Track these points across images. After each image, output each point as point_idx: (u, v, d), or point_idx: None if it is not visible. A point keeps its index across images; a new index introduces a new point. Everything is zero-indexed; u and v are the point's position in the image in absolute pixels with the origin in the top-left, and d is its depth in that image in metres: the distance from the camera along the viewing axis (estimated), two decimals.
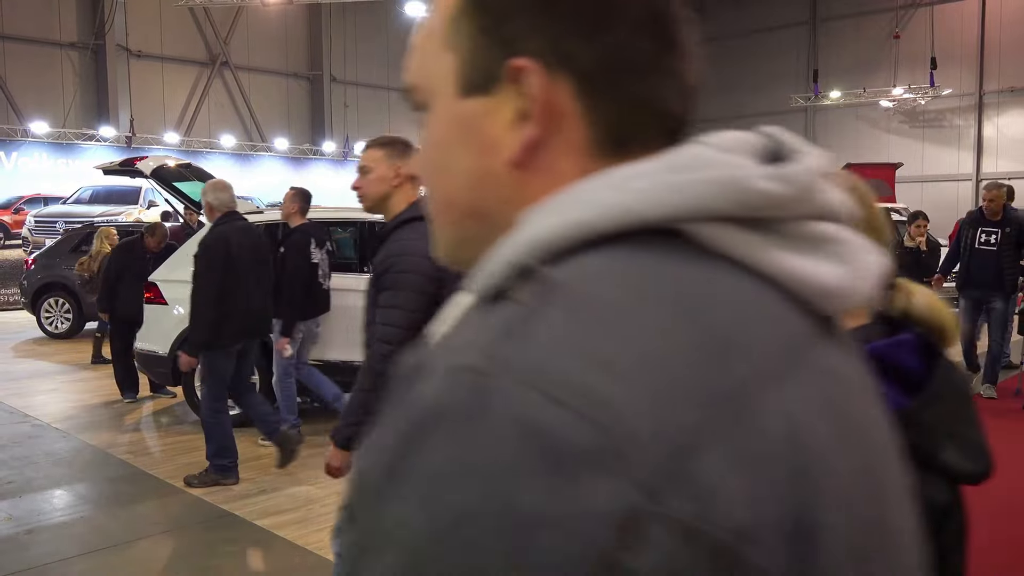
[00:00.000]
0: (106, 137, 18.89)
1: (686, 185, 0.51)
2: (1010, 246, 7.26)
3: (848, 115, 30.17)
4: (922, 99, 27.51)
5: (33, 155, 17.62)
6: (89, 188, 17.03)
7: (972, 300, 7.55)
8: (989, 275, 7.29)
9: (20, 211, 17.06)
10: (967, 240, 7.46)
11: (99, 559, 4.15)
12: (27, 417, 7.09)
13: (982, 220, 7.44)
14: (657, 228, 0.51)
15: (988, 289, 7.34)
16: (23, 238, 16.55)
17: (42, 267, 11.94)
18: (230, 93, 23.06)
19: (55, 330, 11.74)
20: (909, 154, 27.30)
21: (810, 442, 0.48)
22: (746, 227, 0.52)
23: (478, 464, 0.42)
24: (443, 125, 0.62)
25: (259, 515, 4.66)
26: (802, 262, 0.53)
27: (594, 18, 0.56)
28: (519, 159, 0.57)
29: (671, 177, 0.52)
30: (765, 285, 0.52)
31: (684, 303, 0.49)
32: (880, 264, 0.58)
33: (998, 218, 7.35)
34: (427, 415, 0.45)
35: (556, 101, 0.56)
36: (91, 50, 20.01)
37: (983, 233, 7.37)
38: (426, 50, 0.63)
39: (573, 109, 0.57)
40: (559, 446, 0.42)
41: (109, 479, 5.57)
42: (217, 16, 22.43)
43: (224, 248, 4.97)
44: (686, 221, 0.51)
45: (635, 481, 0.42)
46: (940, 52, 26.61)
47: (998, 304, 7.36)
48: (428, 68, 0.63)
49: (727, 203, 0.51)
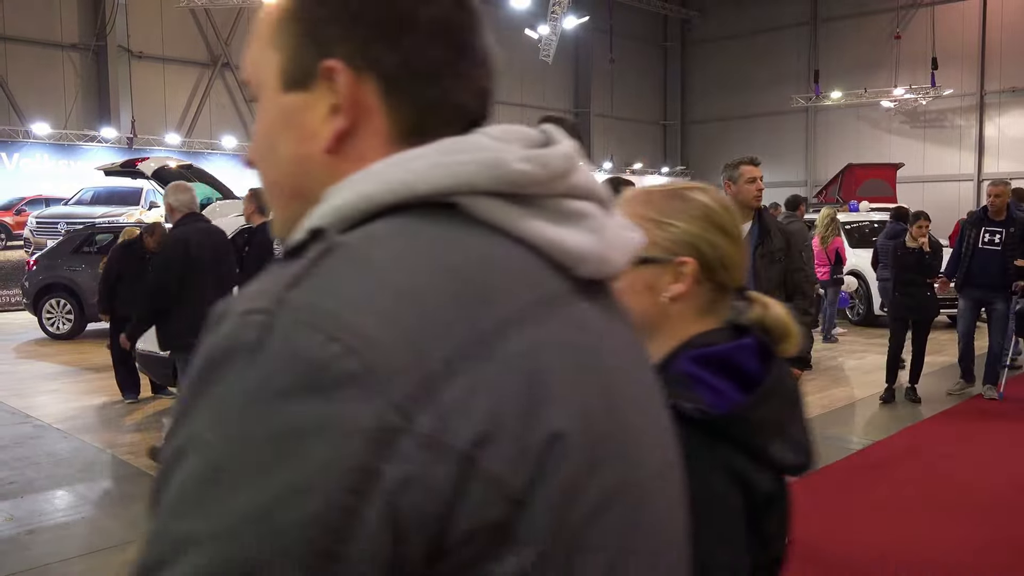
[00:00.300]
0: (107, 138, 18.91)
1: (454, 164, 0.61)
2: (1015, 246, 7.08)
3: (849, 115, 30.14)
4: (923, 99, 27.49)
5: (34, 156, 17.65)
6: (90, 189, 17.05)
7: (972, 300, 7.39)
8: (992, 275, 7.12)
9: (22, 212, 17.08)
10: (970, 240, 7.26)
11: (100, 559, 4.15)
12: (28, 418, 7.10)
13: (986, 219, 7.26)
14: (436, 201, 0.61)
15: (990, 290, 7.18)
16: (25, 239, 16.56)
17: (44, 268, 11.95)
18: (231, 94, 23.08)
19: (56, 331, 11.74)
20: (910, 154, 27.27)
21: (549, 374, 0.58)
22: (510, 201, 0.62)
23: (259, 388, 0.52)
24: (269, 116, 0.70)
25: None
26: (556, 231, 0.63)
27: (396, 28, 0.65)
28: (331, 147, 0.66)
29: (443, 158, 0.62)
30: (526, 250, 0.62)
31: (445, 259, 0.59)
32: (632, 239, 0.70)
33: (1002, 217, 7.17)
34: (221, 351, 0.55)
35: (362, 98, 0.65)
36: (92, 51, 20.02)
37: (987, 232, 7.18)
38: (257, 48, 0.71)
39: (378, 105, 0.66)
40: (326, 372, 0.51)
41: (110, 479, 5.58)
42: (218, 17, 22.45)
43: (183, 249, 5.11)
44: (457, 195, 0.61)
45: (390, 402, 0.52)
46: (941, 52, 26.59)
47: (999, 305, 7.22)
48: (258, 64, 0.71)
49: (489, 180, 0.61)
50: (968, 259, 7.24)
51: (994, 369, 7.41)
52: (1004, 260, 7.06)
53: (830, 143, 30.83)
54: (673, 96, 35.04)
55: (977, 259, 7.18)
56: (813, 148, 31.40)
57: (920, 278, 7.24)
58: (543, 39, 25.25)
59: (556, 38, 25.28)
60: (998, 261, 7.08)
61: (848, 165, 23.37)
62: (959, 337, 7.59)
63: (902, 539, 4.31)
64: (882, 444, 6.17)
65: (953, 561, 4.05)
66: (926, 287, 7.26)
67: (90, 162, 16.68)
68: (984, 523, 4.51)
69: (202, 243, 5.19)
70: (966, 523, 4.51)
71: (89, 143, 18.65)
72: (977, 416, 6.92)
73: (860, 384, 8.39)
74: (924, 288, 7.26)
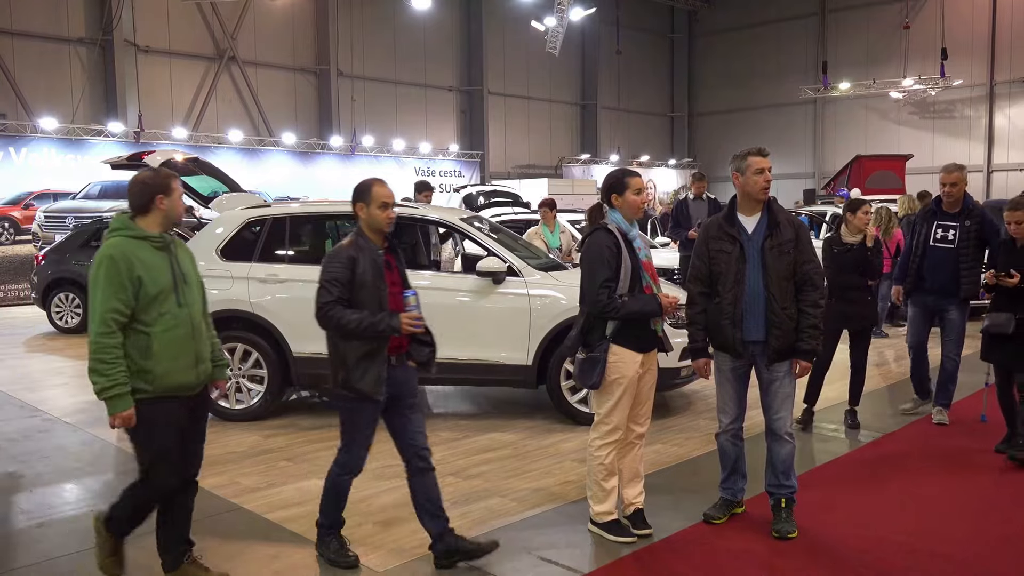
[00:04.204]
0: (114, 132, 18.93)
1: None
2: (970, 244, 5.98)
3: (857, 106, 29.97)
4: (932, 90, 27.31)
5: (42, 151, 17.68)
6: (98, 183, 17.08)
7: (922, 307, 6.31)
8: (945, 278, 6.05)
9: (30, 207, 17.12)
10: (920, 236, 6.18)
11: None
12: (38, 411, 7.12)
13: (938, 212, 6.14)
14: None
15: (942, 295, 6.11)
16: (33, 233, 16.62)
17: (52, 262, 11.98)
18: (237, 88, 23.07)
19: (65, 325, 11.79)
20: (919, 145, 27.12)
21: None
22: None
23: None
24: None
25: (268, 508, 4.67)
26: None
27: None
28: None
29: None
30: None
31: None
32: None
33: (957, 210, 6.06)
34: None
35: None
36: (99, 46, 20.04)
37: (939, 228, 6.09)
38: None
39: None
40: None
41: (119, 473, 5.59)
42: (224, 11, 22.43)
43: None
44: None
45: None
46: (951, 42, 26.40)
47: (953, 314, 6.14)
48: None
49: None
50: (919, 259, 6.18)
51: (946, 388, 6.32)
52: (958, 260, 6.00)
53: (838, 134, 30.68)
54: (680, 88, 34.90)
55: (929, 259, 6.12)
56: (821, 139, 31.24)
57: (862, 280, 6.13)
58: (550, 31, 25.16)
59: (563, 30, 25.18)
60: (952, 261, 6.02)
61: (857, 156, 23.26)
62: (909, 349, 6.57)
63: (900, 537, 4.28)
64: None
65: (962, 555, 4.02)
66: (866, 290, 6.20)
67: (97, 156, 16.71)
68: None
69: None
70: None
71: (96, 137, 18.68)
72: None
73: (868, 376, 8.35)
74: (864, 292, 6.17)
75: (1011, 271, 5.26)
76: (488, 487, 5.03)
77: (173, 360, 3.39)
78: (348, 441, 3.84)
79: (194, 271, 3.59)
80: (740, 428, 4.44)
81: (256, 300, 6.56)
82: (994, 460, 5.42)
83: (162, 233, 3.44)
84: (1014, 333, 5.25)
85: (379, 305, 3.69)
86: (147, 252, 3.37)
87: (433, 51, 27.13)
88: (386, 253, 3.83)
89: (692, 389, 7.41)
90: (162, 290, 3.35)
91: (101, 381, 3.30)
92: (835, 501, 4.78)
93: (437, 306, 6.44)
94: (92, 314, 3.30)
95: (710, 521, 4.40)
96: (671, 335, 5.78)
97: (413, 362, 3.90)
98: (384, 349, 3.72)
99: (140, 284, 3.30)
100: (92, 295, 3.31)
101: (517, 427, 6.42)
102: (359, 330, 3.63)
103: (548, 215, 10.04)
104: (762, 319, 4.14)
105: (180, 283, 3.44)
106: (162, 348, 3.35)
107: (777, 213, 4.23)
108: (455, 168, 26.02)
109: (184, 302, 3.43)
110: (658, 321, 4.14)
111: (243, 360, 6.60)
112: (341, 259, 3.70)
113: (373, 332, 3.65)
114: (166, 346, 3.36)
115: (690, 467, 5.44)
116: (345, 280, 3.66)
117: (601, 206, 4.16)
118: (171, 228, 3.48)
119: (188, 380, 3.46)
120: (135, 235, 3.38)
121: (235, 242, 6.80)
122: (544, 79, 30.15)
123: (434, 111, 27.29)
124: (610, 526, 4.20)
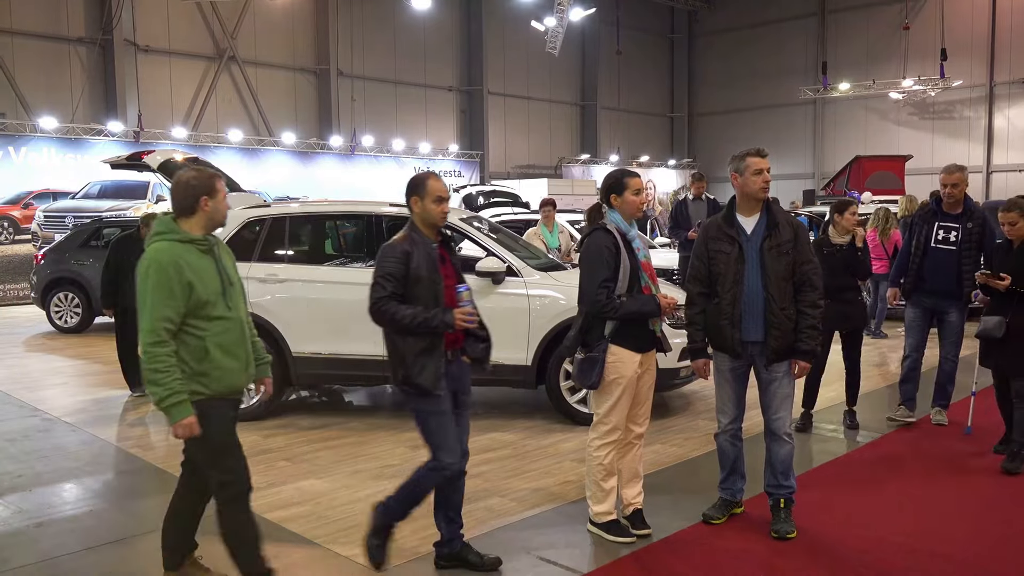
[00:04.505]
0: (114, 132, 18.91)
1: None
2: (972, 245, 5.93)
3: (857, 107, 29.98)
4: (932, 91, 27.31)
5: (42, 150, 17.65)
6: (98, 183, 17.07)
7: (922, 309, 6.22)
8: (946, 280, 5.99)
9: (29, 206, 17.11)
10: (921, 238, 6.12)
11: (108, 552, 4.16)
12: (37, 411, 7.12)
13: (939, 213, 6.10)
14: None
15: (943, 297, 6.05)
16: (32, 233, 16.62)
17: (52, 262, 11.98)
18: (237, 88, 23.06)
19: (65, 324, 11.79)
20: (919, 146, 27.12)
21: None
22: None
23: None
24: None
25: (267, 508, 4.67)
26: None
27: None
28: None
29: None
30: None
31: None
32: None
33: (959, 211, 6.01)
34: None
35: None
36: (99, 45, 20.02)
37: (940, 229, 6.04)
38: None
39: None
40: None
41: (118, 473, 5.59)
42: (224, 11, 22.42)
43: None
44: None
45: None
46: (950, 43, 26.40)
47: (953, 316, 6.10)
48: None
49: None
50: (919, 260, 6.12)
51: (945, 389, 6.34)
52: (959, 262, 5.95)
53: (838, 135, 30.68)
54: (680, 88, 34.89)
55: (929, 260, 6.06)
56: (821, 140, 31.24)
57: (852, 281, 6.12)
58: (549, 31, 25.15)
59: (563, 30, 25.17)
60: (953, 263, 5.96)
61: (856, 157, 23.27)
62: (906, 352, 6.37)
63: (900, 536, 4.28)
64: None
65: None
66: (857, 290, 6.22)
67: (97, 156, 16.69)
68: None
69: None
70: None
71: (96, 137, 18.66)
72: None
73: (869, 376, 8.36)
74: (856, 292, 6.19)
75: (1001, 274, 5.23)
76: (488, 487, 5.03)
77: (227, 363, 3.31)
78: (434, 445, 3.72)
79: (236, 272, 3.48)
80: (739, 428, 4.44)
81: (256, 300, 6.55)
82: (993, 460, 5.42)
83: (206, 236, 3.34)
84: (1005, 337, 5.21)
85: (434, 299, 3.64)
86: (194, 256, 3.26)
87: (433, 51, 27.12)
88: (439, 247, 3.78)
89: (691, 389, 7.41)
90: (212, 294, 3.26)
91: (158, 391, 3.19)
92: (834, 501, 4.79)
93: None
94: (141, 323, 3.20)
95: (709, 521, 4.41)
96: (670, 335, 5.78)
97: (467, 358, 3.84)
98: (441, 344, 3.67)
99: (191, 289, 3.19)
100: (141, 303, 3.20)
101: (517, 427, 6.42)
102: (412, 326, 3.58)
103: (551, 214, 10.05)
104: (761, 319, 4.14)
105: (227, 286, 3.35)
106: (217, 352, 3.27)
107: (776, 214, 4.24)
108: (455, 168, 26.01)
109: (232, 305, 3.35)
110: (657, 321, 4.14)
111: None
112: (395, 253, 3.65)
113: (426, 328, 3.59)
114: (220, 350, 3.28)
115: (689, 467, 5.45)
116: (400, 275, 3.61)
117: (600, 206, 4.17)
118: (214, 230, 3.39)
119: (240, 382, 3.41)
120: (181, 238, 3.26)
121: (235, 242, 6.79)
122: (544, 79, 30.14)
123: (434, 111, 27.29)
124: (609, 526, 4.20)
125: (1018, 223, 5.30)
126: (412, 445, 5.73)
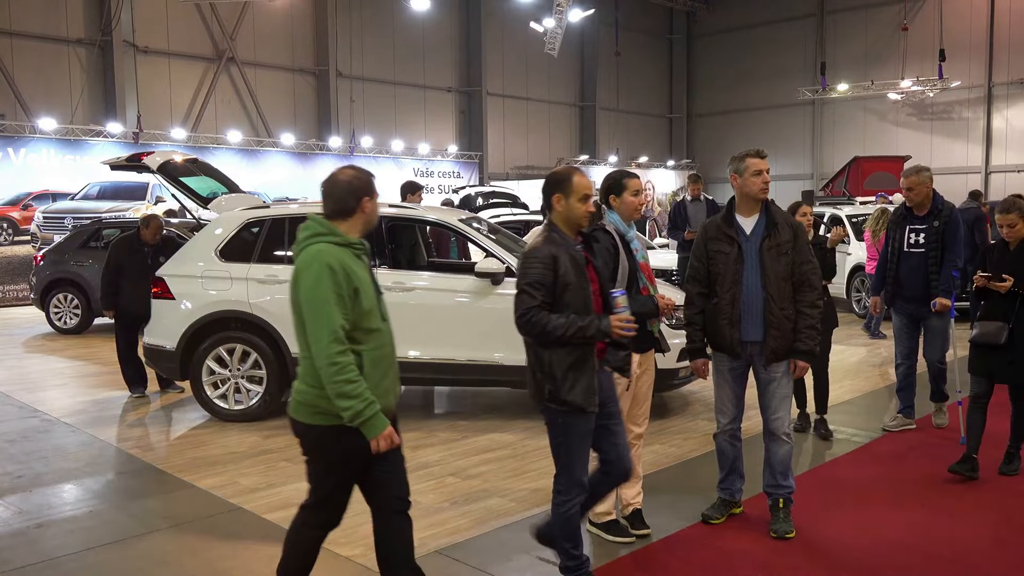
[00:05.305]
0: (113, 133, 18.91)
1: None
2: (938, 245, 5.82)
3: (856, 108, 30.00)
4: (930, 91, 27.33)
5: (41, 151, 17.65)
6: (97, 184, 17.08)
7: (906, 315, 6.10)
8: (919, 284, 5.89)
9: (28, 207, 17.11)
10: (895, 242, 6.03)
11: (108, 553, 4.16)
12: (37, 412, 7.12)
13: (908, 216, 5.98)
14: None
15: (922, 302, 5.91)
16: (32, 234, 16.62)
17: (51, 263, 11.98)
18: (236, 89, 23.06)
19: (64, 325, 11.79)
20: (917, 146, 27.13)
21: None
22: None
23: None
24: None
25: (268, 509, 4.68)
26: None
27: None
28: None
29: None
30: None
31: None
32: None
33: (925, 212, 5.91)
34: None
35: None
36: (98, 46, 20.02)
37: (912, 232, 5.94)
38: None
39: None
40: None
41: (118, 473, 5.59)
42: (223, 12, 22.42)
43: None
44: None
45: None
46: (949, 44, 26.42)
47: (934, 321, 5.97)
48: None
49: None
50: (895, 265, 6.02)
51: (939, 387, 6.22)
52: (927, 264, 5.84)
53: (837, 135, 30.70)
54: (679, 89, 34.91)
55: (904, 265, 5.97)
56: (819, 141, 31.27)
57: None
58: (548, 32, 25.16)
59: (561, 31, 25.18)
60: (924, 265, 5.87)
61: (855, 158, 23.30)
62: (897, 360, 6.28)
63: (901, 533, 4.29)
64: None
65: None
66: (825, 292, 5.82)
67: (96, 157, 16.69)
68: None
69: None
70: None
71: (95, 138, 18.66)
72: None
73: (868, 376, 8.37)
74: (824, 294, 5.65)
75: (1003, 275, 4.99)
76: (488, 487, 5.04)
77: (381, 381, 2.99)
78: (566, 462, 3.44)
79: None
80: (738, 428, 4.45)
81: (255, 301, 6.57)
82: (991, 461, 5.42)
83: (362, 239, 3.05)
84: (1008, 344, 4.94)
85: (585, 306, 3.34)
86: (353, 260, 2.95)
87: (432, 52, 27.13)
88: (583, 249, 3.50)
89: (690, 390, 7.42)
90: (372, 303, 2.97)
91: (354, 404, 2.86)
92: (833, 502, 4.79)
93: (436, 307, 6.46)
94: (319, 331, 2.85)
95: (708, 521, 4.41)
96: (669, 336, 5.79)
97: (608, 367, 3.59)
98: (592, 356, 3.38)
99: (356, 296, 2.90)
100: (314, 309, 2.86)
101: (516, 427, 6.43)
102: (567, 336, 3.26)
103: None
104: (760, 320, 4.15)
105: (379, 295, 3.06)
106: (372, 367, 2.95)
107: (775, 214, 4.25)
108: (454, 169, 26.01)
109: (386, 316, 3.08)
110: (655, 322, 4.15)
111: (242, 360, 6.61)
112: (542, 258, 3.31)
113: (582, 337, 3.28)
114: (375, 365, 2.97)
115: (688, 467, 5.45)
116: (548, 282, 3.28)
117: (599, 207, 4.18)
118: (366, 233, 3.10)
119: (390, 403, 3.05)
120: (340, 241, 2.97)
121: (234, 243, 6.81)
122: (543, 80, 30.15)
123: (433, 112, 27.30)
124: (609, 526, 4.20)
125: (1017, 225, 5.05)
126: (412, 445, 5.74)
